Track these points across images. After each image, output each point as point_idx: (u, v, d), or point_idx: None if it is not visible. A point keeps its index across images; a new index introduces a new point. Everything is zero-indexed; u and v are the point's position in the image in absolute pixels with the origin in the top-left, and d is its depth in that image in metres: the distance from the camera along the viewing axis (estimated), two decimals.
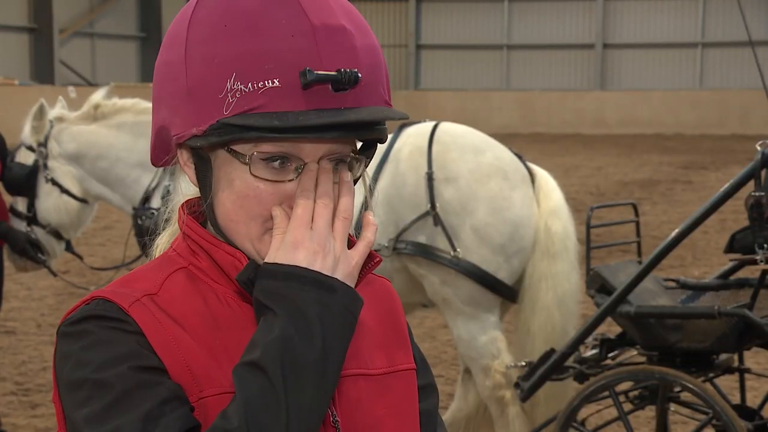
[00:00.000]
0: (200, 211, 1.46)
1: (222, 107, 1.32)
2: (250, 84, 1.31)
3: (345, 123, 1.31)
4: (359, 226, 1.43)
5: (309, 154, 1.35)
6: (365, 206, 1.54)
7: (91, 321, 1.33)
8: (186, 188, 1.49)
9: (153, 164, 1.49)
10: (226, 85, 1.32)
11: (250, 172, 1.34)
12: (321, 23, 1.33)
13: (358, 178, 1.42)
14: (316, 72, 1.30)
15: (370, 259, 1.45)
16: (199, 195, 1.45)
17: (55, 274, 5.53)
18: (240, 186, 1.35)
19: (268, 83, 1.30)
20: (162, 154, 1.45)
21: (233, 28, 1.33)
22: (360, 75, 1.32)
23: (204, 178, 1.40)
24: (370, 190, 1.55)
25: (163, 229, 1.54)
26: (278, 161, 1.34)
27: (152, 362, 1.31)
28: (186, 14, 1.39)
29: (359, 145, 1.44)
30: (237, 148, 1.35)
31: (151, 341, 1.33)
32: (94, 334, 1.32)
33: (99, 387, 1.28)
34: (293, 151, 1.34)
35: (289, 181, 1.34)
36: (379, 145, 1.47)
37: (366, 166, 1.44)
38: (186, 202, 1.48)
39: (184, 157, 1.42)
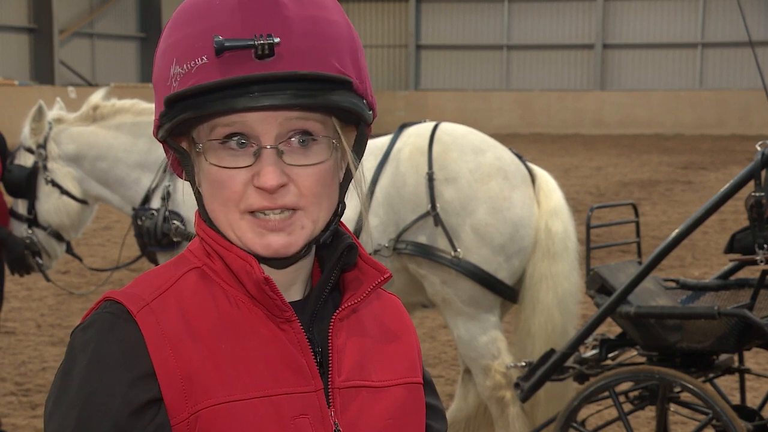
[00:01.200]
0: None
1: (166, 94, 1.37)
2: (185, 65, 1.35)
3: (258, 77, 1.32)
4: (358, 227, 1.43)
5: (261, 130, 1.35)
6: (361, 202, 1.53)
7: (98, 330, 1.36)
8: (188, 189, 1.49)
9: (177, 175, 1.52)
10: (170, 71, 1.37)
11: (206, 160, 1.37)
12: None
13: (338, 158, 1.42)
14: (229, 39, 1.32)
15: (380, 274, 1.46)
16: None
17: (49, 280, 5.53)
18: (208, 176, 1.38)
19: (198, 61, 1.34)
20: (170, 156, 1.47)
21: (181, 19, 1.39)
22: (275, 41, 1.32)
23: (189, 173, 1.42)
24: (370, 194, 1.56)
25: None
26: (235, 141, 1.36)
27: (141, 396, 1.33)
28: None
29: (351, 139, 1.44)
30: (197, 136, 1.38)
31: (152, 353, 1.34)
32: (95, 352, 1.34)
33: (82, 424, 1.33)
34: (245, 130, 1.35)
35: (248, 166, 1.35)
36: (379, 145, 1.47)
37: (355, 147, 1.43)
38: None
39: (171, 156, 1.45)
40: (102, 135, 5.22)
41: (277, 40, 1.32)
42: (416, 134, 4.66)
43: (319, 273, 1.48)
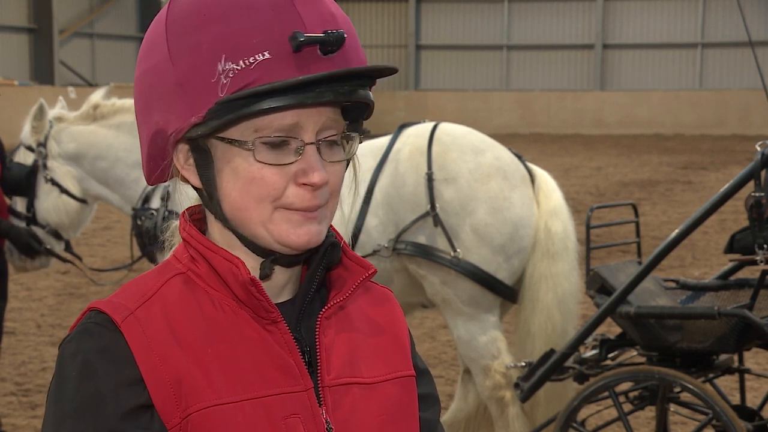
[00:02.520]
0: (201, 219, 1.46)
1: (217, 90, 1.32)
2: (241, 61, 1.32)
3: (340, 74, 1.32)
4: (360, 225, 1.44)
5: (307, 130, 1.35)
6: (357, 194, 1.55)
7: (85, 341, 1.36)
8: (189, 189, 1.48)
9: (147, 181, 1.48)
10: (218, 68, 1.32)
11: (255, 158, 1.35)
12: None
13: (351, 157, 1.44)
14: (305, 34, 1.31)
15: (365, 270, 1.47)
16: (200, 202, 1.45)
17: (65, 260, 5.51)
18: (245, 173, 1.36)
19: (259, 57, 1.31)
20: (156, 163, 1.43)
21: (212, 14, 1.35)
22: (345, 34, 1.34)
23: (206, 172, 1.39)
24: (370, 192, 1.57)
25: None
26: (279, 144, 1.35)
27: (131, 403, 1.33)
28: (160, 19, 1.41)
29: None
30: (237, 136, 1.35)
31: (138, 361, 1.34)
32: (83, 362, 1.35)
33: (72, 428, 1.33)
34: (292, 132, 1.35)
35: (291, 163, 1.35)
36: (378, 145, 1.48)
37: (359, 142, 1.44)
38: (188, 209, 1.48)
39: (181, 159, 1.41)
40: (102, 134, 5.22)
41: (345, 33, 1.34)
42: (415, 134, 4.66)
43: (306, 272, 1.48)
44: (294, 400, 1.38)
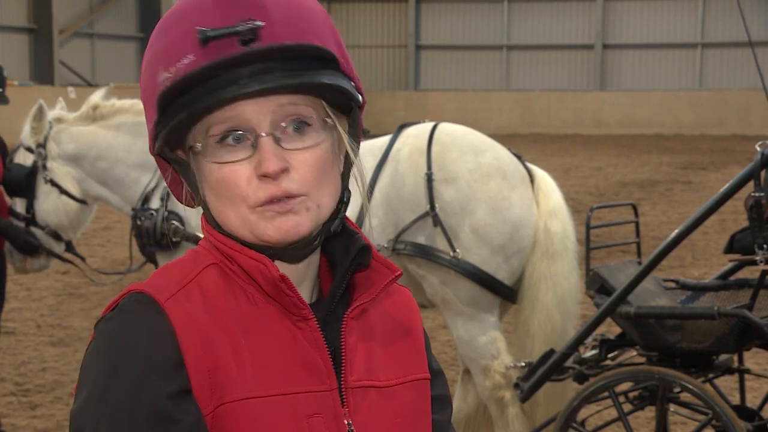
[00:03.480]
0: None
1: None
2: (171, 68, 1.34)
3: (243, 55, 1.32)
4: (359, 225, 1.44)
5: (258, 122, 1.35)
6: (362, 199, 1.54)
7: (126, 317, 1.35)
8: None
9: (177, 199, 1.50)
10: (157, 79, 1.36)
11: (211, 160, 1.36)
12: None
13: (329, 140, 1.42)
14: (215, 29, 1.32)
15: (392, 272, 1.47)
16: None
17: (65, 260, 5.51)
18: (210, 177, 1.37)
19: (185, 60, 1.34)
20: (167, 177, 1.46)
21: (158, 31, 1.39)
22: (259, 23, 1.33)
23: (191, 184, 1.41)
24: (370, 191, 1.56)
25: None
26: (231, 137, 1.36)
27: (173, 386, 1.32)
28: None
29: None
30: (193, 141, 1.37)
31: (181, 342, 1.33)
32: (123, 342, 1.33)
33: (114, 408, 1.31)
34: (240, 123, 1.35)
35: (247, 158, 1.35)
36: (378, 145, 1.48)
37: (350, 131, 1.43)
38: None
39: (169, 175, 1.44)
40: (102, 135, 5.22)
41: (260, 23, 1.33)
42: (415, 134, 4.65)
43: (327, 272, 1.48)
44: (319, 399, 1.39)
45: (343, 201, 1.44)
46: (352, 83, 1.41)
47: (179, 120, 1.34)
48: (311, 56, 1.36)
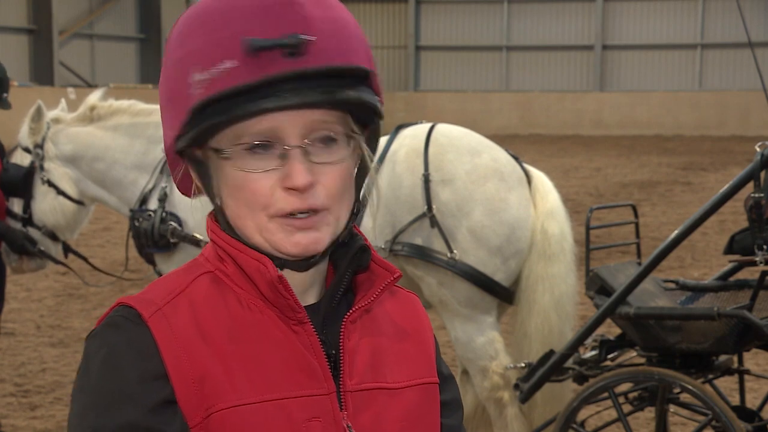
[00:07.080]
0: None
1: (190, 101, 1.35)
2: (208, 71, 1.33)
3: (296, 73, 1.31)
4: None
5: (289, 134, 1.35)
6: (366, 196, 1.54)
7: (111, 333, 1.37)
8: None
9: (183, 194, 1.50)
10: (189, 80, 1.34)
11: (237, 166, 1.35)
12: (270, 1, 1.34)
13: (365, 158, 1.43)
14: (262, 39, 1.31)
15: (390, 274, 1.46)
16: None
17: (59, 263, 5.51)
18: (232, 181, 1.36)
19: (226, 64, 1.32)
20: (177, 173, 1.46)
21: (192, 28, 1.37)
22: (308, 38, 1.32)
23: (207, 184, 1.41)
24: (376, 189, 1.56)
25: None
26: (260, 147, 1.35)
27: (155, 398, 1.33)
28: (170, 34, 1.44)
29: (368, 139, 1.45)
30: (221, 144, 1.36)
31: (164, 355, 1.35)
32: (108, 355, 1.35)
33: (96, 423, 1.33)
34: (272, 135, 1.35)
35: (274, 169, 1.35)
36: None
37: (369, 144, 1.44)
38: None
39: (190, 171, 1.43)
40: (99, 136, 5.21)
41: (309, 37, 1.32)
42: (412, 136, 4.65)
43: (332, 275, 1.47)
44: (316, 403, 1.38)
45: (353, 212, 1.44)
46: (377, 97, 1.42)
47: (213, 123, 1.33)
48: (351, 74, 1.36)
